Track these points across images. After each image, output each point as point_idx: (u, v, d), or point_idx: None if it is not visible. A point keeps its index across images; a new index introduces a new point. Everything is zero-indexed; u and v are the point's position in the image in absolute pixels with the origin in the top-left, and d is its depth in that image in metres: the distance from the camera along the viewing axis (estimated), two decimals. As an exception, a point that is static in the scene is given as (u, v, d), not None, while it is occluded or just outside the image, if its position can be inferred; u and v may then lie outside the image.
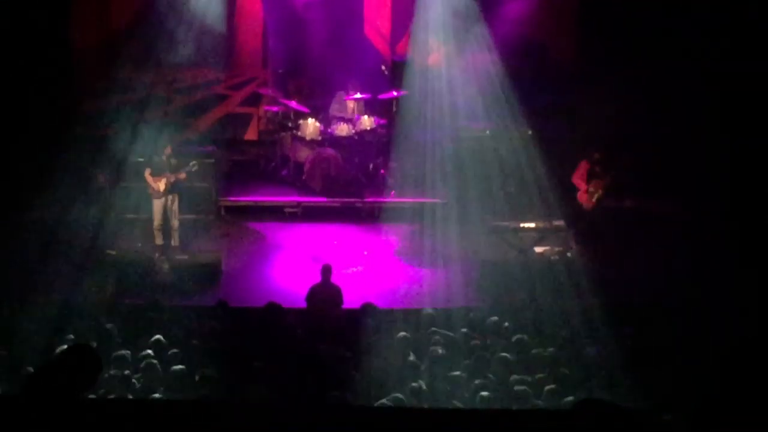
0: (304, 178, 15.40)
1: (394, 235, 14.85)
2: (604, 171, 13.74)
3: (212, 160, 15.02)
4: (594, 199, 13.77)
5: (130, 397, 8.89)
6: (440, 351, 9.80)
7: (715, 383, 9.24)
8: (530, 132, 15.35)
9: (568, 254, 13.66)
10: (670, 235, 14.65)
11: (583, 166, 13.87)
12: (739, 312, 11.01)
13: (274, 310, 10.78)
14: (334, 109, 15.94)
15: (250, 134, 17.71)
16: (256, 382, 9.15)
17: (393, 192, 15.66)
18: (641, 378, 9.29)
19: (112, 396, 8.76)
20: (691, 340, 10.15)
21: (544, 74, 16.82)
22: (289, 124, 15.78)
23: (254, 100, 17.34)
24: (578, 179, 13.89)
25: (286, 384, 9.16)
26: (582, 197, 13.90)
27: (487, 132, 15.39)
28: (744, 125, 15.62)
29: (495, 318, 10.83)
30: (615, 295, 12.85)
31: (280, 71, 16.63)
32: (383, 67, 16.33)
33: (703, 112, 15.62)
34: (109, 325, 10.37)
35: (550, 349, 10.14)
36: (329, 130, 15.58)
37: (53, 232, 14.26)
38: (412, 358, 9.77)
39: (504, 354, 9.80)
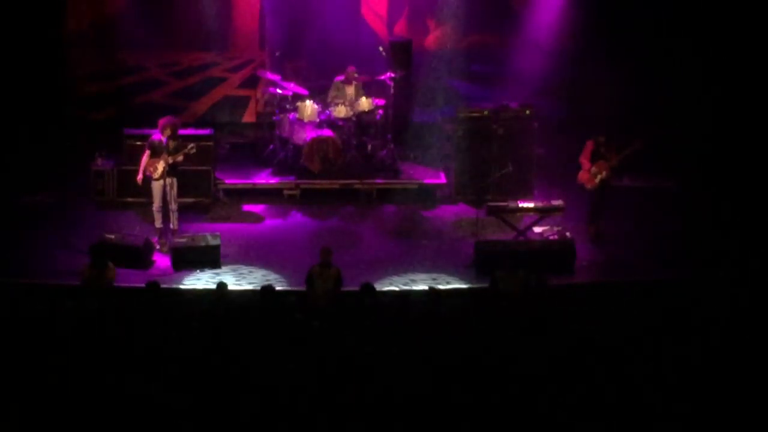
0: (302, 160, 15.36)
1: (393, 216, 14.87)
2: (610, 152, 13.70)
3: (210, 143, 14.97)
4: (597, 180, 13.73)
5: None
6: None
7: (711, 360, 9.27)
8: (528, 111, 15.29)
9: (567, 234, 13.66)
10: (666, 211, 14.70)
11: (588, 146, 13.83)
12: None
13: (269, 293, 10.81)
14: (331, 96, 15.85)
15: (248, 117, 17.69)
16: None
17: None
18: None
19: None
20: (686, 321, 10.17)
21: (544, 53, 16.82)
22: (287, 107, 15.73)
23: (252, 82, 17.29)
24: (583, 159, 13.86)
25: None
26: (583, 176, 13.86)
27: (485, 112, 15.31)
28: (738, 106, 15.70)
29: None
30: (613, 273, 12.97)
31: (278, 53, 16.56)
32: (381, 49, 16.25)
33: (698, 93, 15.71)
34: None
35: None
36: (327, 112, 15.53)
37: (51, 215, 14.31)
38: None
39: None
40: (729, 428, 8.60)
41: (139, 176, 13.41)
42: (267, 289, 10.86)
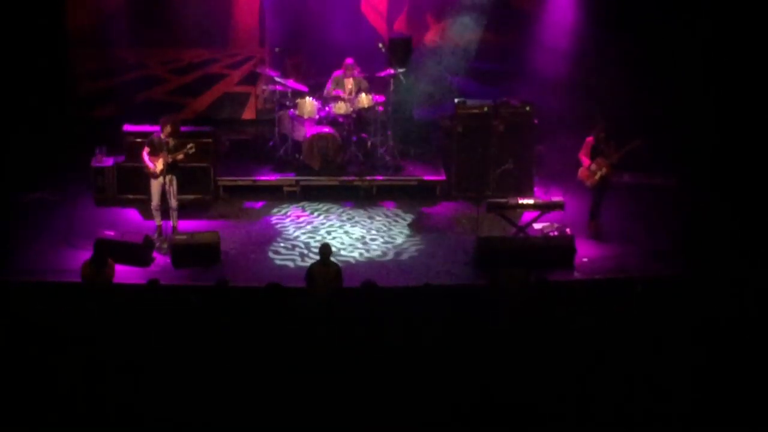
0: (302, 157, 15.37)
1: (394, 213, 14.86)
2: (609, 149, 13.68)
3: (210, 140, 14.96)
4: (596, 177, 13.72)
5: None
6: None
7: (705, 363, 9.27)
8: (528, 108, 15.28)
9: (567, 230, 13.66)
10: (667, 209, 14.70)
11: (588, 143, 13.82)
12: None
13: (274, 290, 10.78)
14: (329, 90, 15.84)
15: (248, 113, 17.68)
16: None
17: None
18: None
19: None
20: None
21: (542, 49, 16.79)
22: (287, 103, 15.73)
23: (252, 78, 17.28)
24: (583, 155, 13.84)
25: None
26: (583, 173, 13.85)
27: (485, 109, 15.30)
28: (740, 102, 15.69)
29: None
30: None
31: (278, 49, 16.55)
32: (380, 45, 16.23)
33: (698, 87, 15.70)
34: None
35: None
36: (327, 108, 15.52)
37: (50, 212, 14.31)
38: None
39: None
40: (729, 428, 8.61)
41: (151, 166, 13.35)
42: (273, 287, 10.82)
